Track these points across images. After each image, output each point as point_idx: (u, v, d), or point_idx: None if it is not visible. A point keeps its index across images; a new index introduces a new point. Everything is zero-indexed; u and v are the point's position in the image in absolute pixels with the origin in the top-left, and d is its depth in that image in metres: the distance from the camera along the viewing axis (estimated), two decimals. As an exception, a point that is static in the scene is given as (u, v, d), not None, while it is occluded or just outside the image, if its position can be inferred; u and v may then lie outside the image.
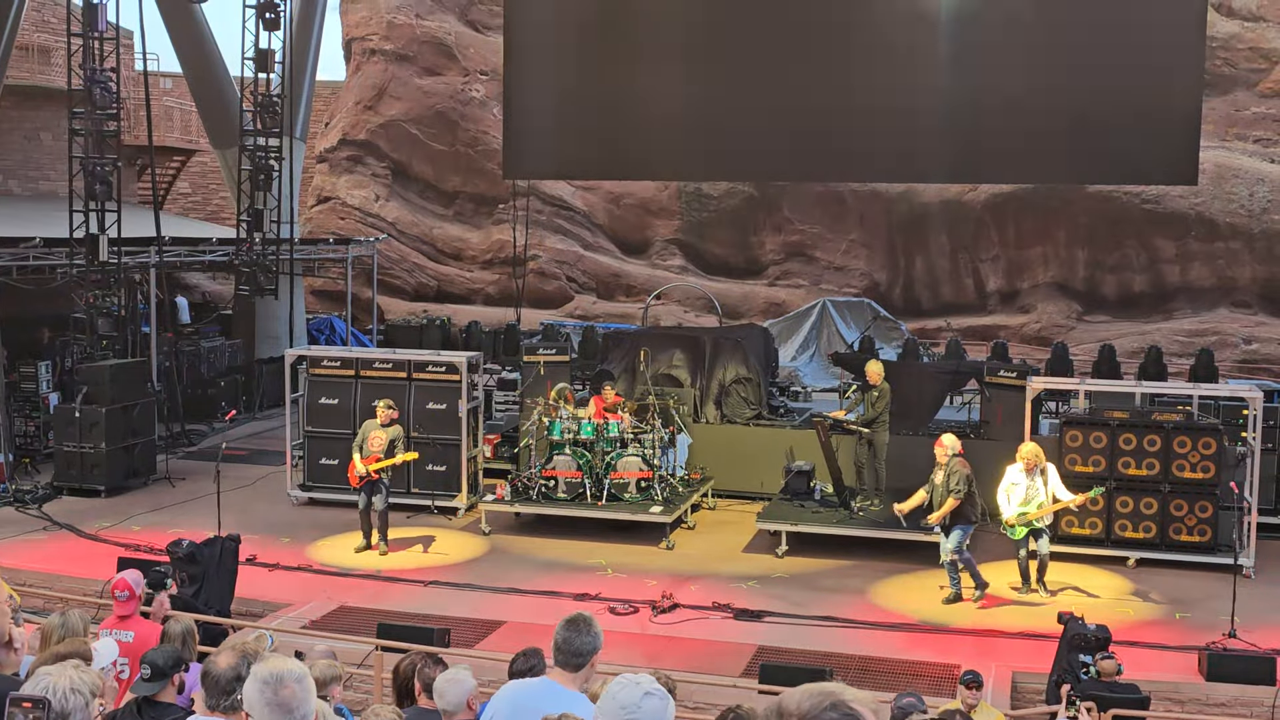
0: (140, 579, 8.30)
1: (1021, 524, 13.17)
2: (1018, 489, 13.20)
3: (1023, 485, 13.18)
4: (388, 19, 33.53)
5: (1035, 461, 13.19)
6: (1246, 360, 27.65)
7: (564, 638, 4.99)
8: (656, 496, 15.86)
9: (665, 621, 12.60)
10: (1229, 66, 28.72)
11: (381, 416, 14.98)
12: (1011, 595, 13.45)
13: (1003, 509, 13.32)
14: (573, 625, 5.02)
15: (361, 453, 14.84)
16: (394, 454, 14.83)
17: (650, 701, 3.69)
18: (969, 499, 13.08)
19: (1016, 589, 13.53)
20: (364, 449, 14.85)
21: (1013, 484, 13.24)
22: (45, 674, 3.92)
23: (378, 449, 14.79)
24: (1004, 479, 13.36)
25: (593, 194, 33.65)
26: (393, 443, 14.85)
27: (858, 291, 31.07)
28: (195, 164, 34.40)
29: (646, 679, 3.76)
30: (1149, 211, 28.72)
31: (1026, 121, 18.28)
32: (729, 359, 18.65)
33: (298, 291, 27.24)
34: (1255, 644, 11.83)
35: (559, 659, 5.01)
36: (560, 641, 4.99)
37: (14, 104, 25.75)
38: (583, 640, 4.96)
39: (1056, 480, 13.34)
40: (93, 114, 19.10)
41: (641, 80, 19.48)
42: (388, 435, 14.87)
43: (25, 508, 17.07)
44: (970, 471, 13.18)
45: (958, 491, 12.96)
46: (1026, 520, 13.15)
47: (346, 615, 12.61)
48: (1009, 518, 13.23)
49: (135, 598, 8.09)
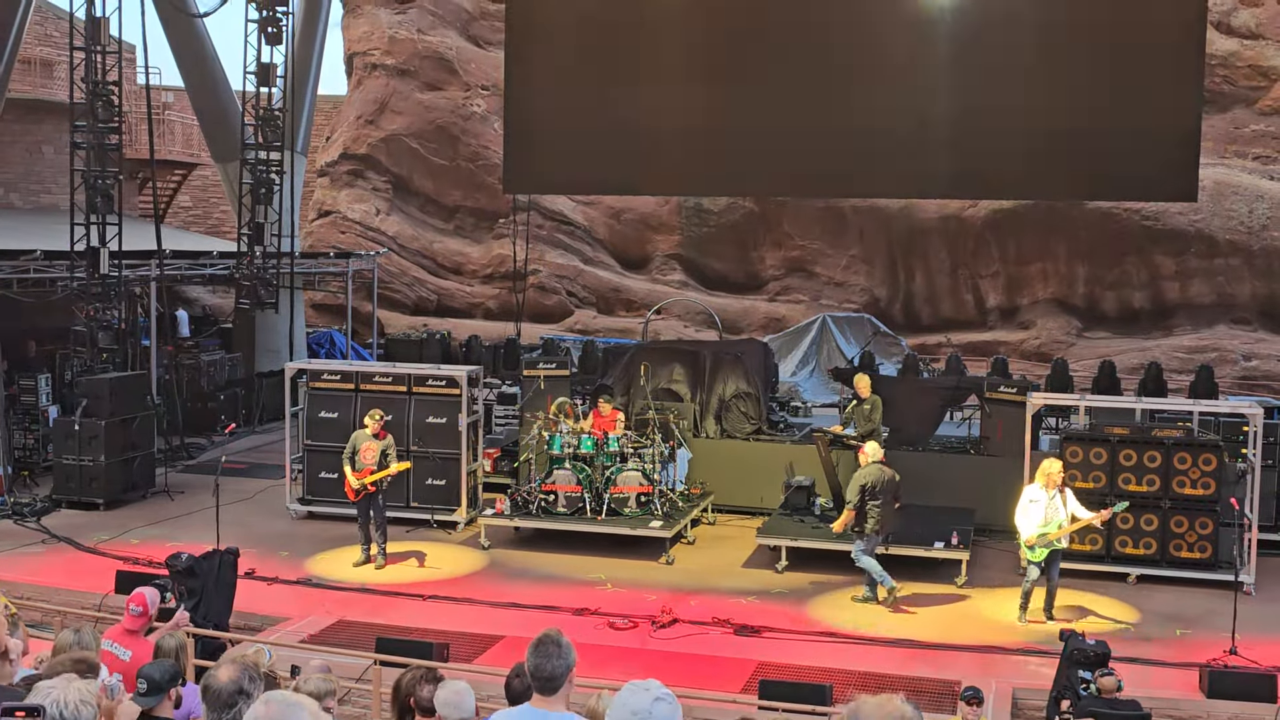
0: (157, 599, 8.23)
1: (1042, 545, 12.84)
2: (1036, 507, 12.87)
3: (1042, 504, 12.85)
4: (389, 34, 33.62)
5: (1056, 480, 12.88)
6: (1246, 377, 27.65)
7: (535, 664, 4.80)
8: (656, 511, 15.84)
9: (665, 637, 12.57)
10: (1228, 84, 28.80)
11: (372, 427, 14.99)
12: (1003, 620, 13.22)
13: (1021, 529, 13.00)
14: (542, 649, 4.80)
15: (354, 465, 14.85)
16: (386, 465, 14.84)
17: (661, 707, 3.70)
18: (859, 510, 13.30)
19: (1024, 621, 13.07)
20: (356, 461, 14.86)
21: (1031, 501, 12.93)
22: (51, 687, 3.90)
23: (370, 461, 14.80)
24: (1022, 497, 13.10)
25: (593, 208, 33.71)
26: (384, 453, 14.86)
27: (858, 307, 31.09)
28: (196, 178, 34.46)
29: (655, 684, 3.77)
30: (1148, 228, 28.75)
31: (1026, 138, 18.30)
32: (729, 374, 18.66)
33: (298, 305, 27.25)
34: (1256, 661, 11.81)
35: (535, 685, 4.83)
36: (533, 669, 4.80)
37: (16, 117, 25.80)
38: (554, 664, 4.78)
39: (1074, 499, 13.08)
40: (94, 127, 19.14)
41: (643, 95, 19.51)
42: (379, 446, 14.87)
43: (24, 520, 17.05)
44: (873, 482, 13.29)
45: (850, 503, 13.28)
46: (1048, 541, 12.83)
47: (345, 629, 12.58)
48: (1029, 537, 12.90)
49: (147, 616, 8.05)
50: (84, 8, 19.10)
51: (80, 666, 5.39)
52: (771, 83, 19.04)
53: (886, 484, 13.37)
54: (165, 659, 6.58)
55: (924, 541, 14.67)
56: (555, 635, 4.87)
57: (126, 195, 22.96)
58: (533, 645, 4.82)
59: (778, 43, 19.02)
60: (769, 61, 19.10)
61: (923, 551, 14.61)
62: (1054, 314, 30.10)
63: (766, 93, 19.11)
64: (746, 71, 19.26)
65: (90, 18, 19.11)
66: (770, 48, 19.07)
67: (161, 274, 22.22)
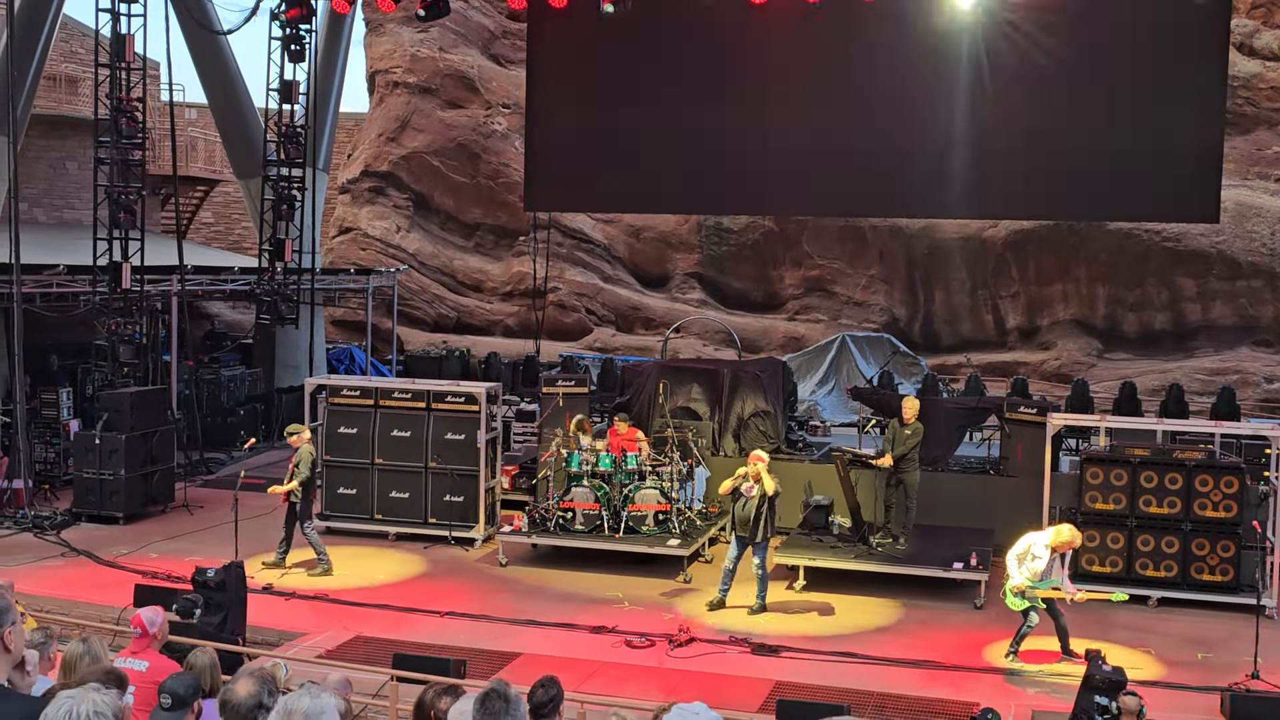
0: (156, 618, 8.07)
1: (1029, 598, 12.24)
2: (1038, 563, 12.26)
3: (1044, 562, 12.24)
4: (411, 52, 33.80)
5: (1068, 548, 12.42)
6: (1268, 399, 27.49)
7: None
8: (674, 529, 15.81)
9: (682, 655, 12.52)
10: (1250, 106, 28.72)
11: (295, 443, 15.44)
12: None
13: (1012, 574, 12.38)
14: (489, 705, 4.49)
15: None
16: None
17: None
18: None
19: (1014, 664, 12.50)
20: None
21: (1034, 557, 12.30)
22: (68, 697, 3.90)
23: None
24: (1023, 543, 12.48)
25: (613, 227, 33.77)
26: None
27: (877, 327, 31.04)
28: (218, 194, 34.68)
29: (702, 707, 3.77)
30: (1170, 249, 28.66)
31: (1047, 159, 18.30)
32: (747, 393, 18.64)
33: (318, 321, 27.35)
34: (1278, 686, 11.71)
35: None
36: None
37: (41, 133, 26.02)
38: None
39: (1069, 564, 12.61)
40: (118, 143, 19.27)
41: (663, 114, 19.58)
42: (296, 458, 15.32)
43: (44, 534, 17.12)
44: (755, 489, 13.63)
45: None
46: (1034, 596, 12.25)
47: (362, 645, 12.57)
48: (1017, 584, 12.28)
49: (148, 636, 7.96)
50: (109, 25, 19.27)
51: (109, 679, 5.38)
52: (792, 101, 19.12)
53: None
54: (188, 673, 6.55)
55: (943, 563, 14.60)
56: (503, 690, 4.57)
57: (149, 211, 23.12)
58: (478, 701, 4.56)
59: (798, 64, 19.09)
60: (790, 82, 19.16)
61: (942, 572, 14.53)
62: (1074, 335, 30.00)
63: (786, 113, 19.19)
64: (766, 90, 19.33)
65: (115, 35, 19.26)
66: (791, 69, 19.13)
67: (183, 289, 22.35)
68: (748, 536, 13.83)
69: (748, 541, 13.88)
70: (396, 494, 16.91)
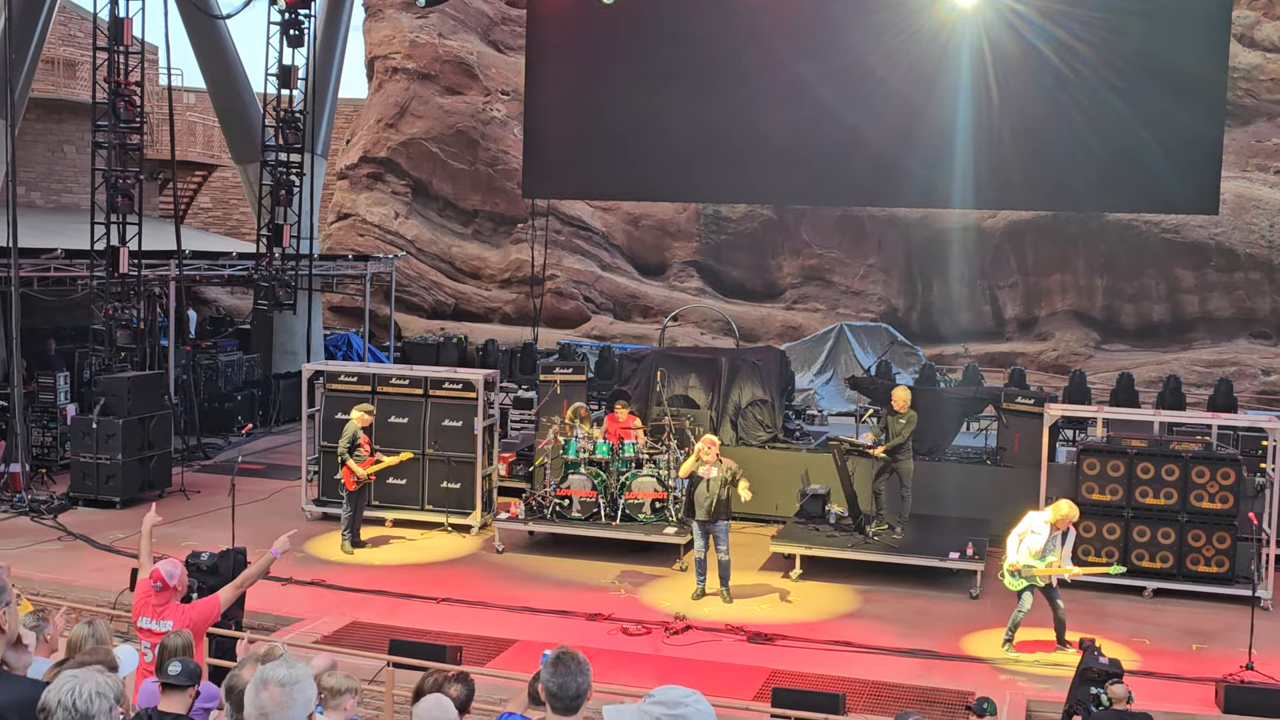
0: (175, 570, 8.17)
1: (1026, 576, 12.24)
2: (1036, 539, 12.22)
3: (1043, 538, 12.19)
4: (410, 38, 33.73)
5: (1067, 523, 12.34)
6: (1265, 391, 27.51)
7: (559, 684, 4.38)
8: (671, 517, 15.82)
9: (678, 643, 12.54)
10: (1250, 97, 28.68)
11: (365, 420, 15.64)
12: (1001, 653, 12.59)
13: (1010, 553, 12.36)
14: (562, 666, 4.38)
15: (354, 456, 15.32)
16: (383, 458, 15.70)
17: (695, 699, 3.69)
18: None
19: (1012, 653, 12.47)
20: (357, 453, 15.37)
21: (1033, 533, 12.25)
22: (72, 676, 3.90)
23: (368, 453, 15.61)
24: (1023, 523, 12.45)
25: (611, 215, 33.73)
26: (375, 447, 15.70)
27: (875, 316, 31.04)
28: (217, 179, 34.62)
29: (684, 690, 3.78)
30: (1168, 241, 28.65)
31: (1047, 149, 18.28)
32: (745, 381, 18.64)
33: (316, 307, 27.32)
34: (1273, 677, 11.74)
35: (556, 706, 4.39)
36: (556, 689, 4.38)
37: (38, 117, 25.96)
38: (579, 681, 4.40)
39: (1069, 547, 12.47)
40: (116, 127, 19.22)
41: (662, 102, 19.55)
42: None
43: (40, 518, 17.12)
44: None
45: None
46: (1031, 574, 12.24)
47: (359, 631, 12.59)
48: (1014, 563, 12.27)
49: (169, 589, 8.05)
50: (107, 8, 19.21)
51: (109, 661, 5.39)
52: (792, 90, 19.08)
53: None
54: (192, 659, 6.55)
55: (939, 552, 14.61)
56: (574, 653, 4.48)
57: (147, 195, 23.07)
58: (551, 660, 4.44)
59: (798, 50, 19.03)
60: (789, 70, 19.11)
61: (938, 562, 14.55)
62: (1072, 326, 30.00)
63: (786, 100, 19.15)
64: (766, 79, 19.29)
65: (113, 18, 19.20)
66: (790, 55, 19.08)
67: (181, 274, 22.32)
68: (708, 520, 13.80)
69: (708, 528, 13.88)
70: (393, 480, 16.91)
